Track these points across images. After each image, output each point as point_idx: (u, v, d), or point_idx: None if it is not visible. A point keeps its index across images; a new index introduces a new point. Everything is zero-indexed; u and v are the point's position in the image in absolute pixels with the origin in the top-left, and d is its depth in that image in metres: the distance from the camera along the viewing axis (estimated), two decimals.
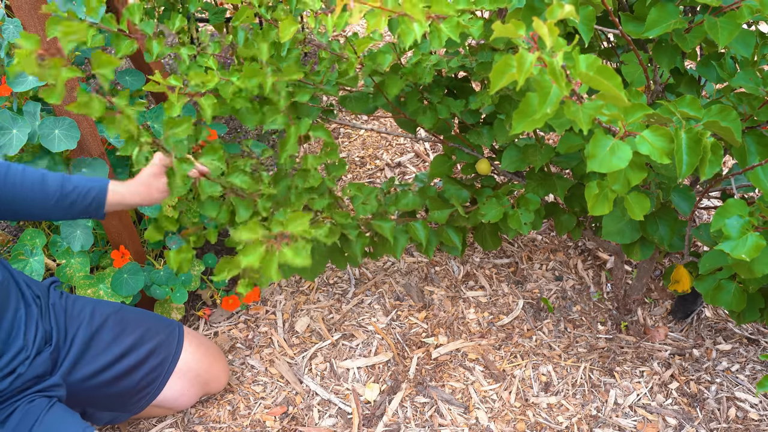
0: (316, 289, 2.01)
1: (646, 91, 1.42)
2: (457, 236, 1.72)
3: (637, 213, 1.18)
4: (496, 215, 1.64)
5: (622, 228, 1.48)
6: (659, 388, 1.75)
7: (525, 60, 0.78)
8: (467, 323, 1.92)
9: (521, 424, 1.66)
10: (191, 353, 1.61)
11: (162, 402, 1.59)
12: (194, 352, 1.62)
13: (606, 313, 1.97)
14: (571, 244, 2.18)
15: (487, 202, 1.67)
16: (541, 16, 1.16)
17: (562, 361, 1.82)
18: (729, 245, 1.11)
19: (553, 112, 0.83)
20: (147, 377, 1.53)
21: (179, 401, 1.62)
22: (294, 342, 1.86)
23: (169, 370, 1.57)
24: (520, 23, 0.76)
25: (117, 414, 1.56)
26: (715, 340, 1.88)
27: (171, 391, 1.58)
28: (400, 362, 1.81)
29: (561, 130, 1.22)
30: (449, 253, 1.80)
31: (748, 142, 1.25)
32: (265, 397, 1.73)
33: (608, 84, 0.81)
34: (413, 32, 1.08)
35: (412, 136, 1.81)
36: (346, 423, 1.67)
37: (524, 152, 1.59)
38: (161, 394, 1.57)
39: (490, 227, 1.83)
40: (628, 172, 1.05)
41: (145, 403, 1.56)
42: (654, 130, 0.99)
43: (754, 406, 1.71)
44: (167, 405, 1.61)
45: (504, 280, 2.06)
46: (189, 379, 1.61)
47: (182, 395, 1.61)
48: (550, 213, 1.75)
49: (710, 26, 1.15)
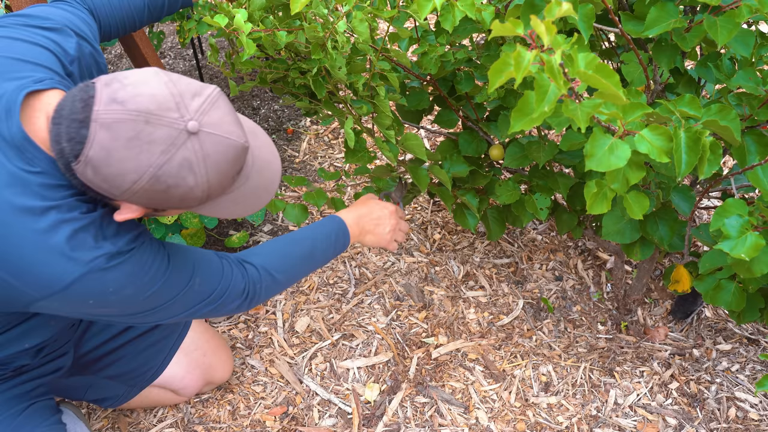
0: (316, 288, 2.01)
1: (646, 91, 1.42)
2: (474, 199, 1.72)
3: (637, 212, 1.18)
4: (510, 198, 1.64)
5: (622, 228, 1.48)
6: (659, 388, 1.75)
7: (523, 58, 0.78)
8: (467, 323, 1.92)
9: (521, 424, 1.66)
10: (199, 333, 1.62)
11: (165, 382, 1.58)
12: (202, 332, 1.63)
13: (606, 313, 1.96)
14: (571, 244, 2.18)
15: (502, 184, 1.67)
16: (540, 14, 1.16)
17: (562, 361, 1.82)
18: (728, 245, 1.10)
19: (551, 110, 0.83)
20: (153, 347, 1.53)
21: (183, 382, 1.60)
22: (294, 342, 1.86)
23: (176, 345, 1.57)
24: (518, 22, 0.76)
25: (121, 389, 1.54)
26: (715, 340, 1.88)
27: (176, 368, 1.57)
28: (400, 362, 1.81)
29: (560, 129, 1.22)
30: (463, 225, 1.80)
31: (747, 141, 1.25)
32: (265, 397, 1.73)
33: (606, 82, 0.81)
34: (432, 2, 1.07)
35: (417, 126, 1.82)
36: (346, 423, 1.67)
37: (527, 149, 1.59)
38: (165, 371, 1.56)
39: (498, 213, 1.83)
40: (626, 171, 1.05)
41: (150, 377, 1.55)
42: (653, 129, 0.98)
43: (754, 406, 1.71)
44: (171, 386, 1.60)
45: (504, 280, 2.06)
46: (194, 359, 1.60)
47: (187, 374, 1.59)
48: (552, 211, 1.75)
49: (710, 25, 1.15)
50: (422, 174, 1.65)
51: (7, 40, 1.08)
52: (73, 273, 0.97)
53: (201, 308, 1.18)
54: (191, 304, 1.16)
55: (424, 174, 1.65)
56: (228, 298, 1.20)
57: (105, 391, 1.54)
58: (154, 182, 0.93)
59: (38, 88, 1.02)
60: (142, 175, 0.92)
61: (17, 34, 1.09)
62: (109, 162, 0.91)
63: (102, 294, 1.01)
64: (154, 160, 0.91)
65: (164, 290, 1.09)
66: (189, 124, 0.92)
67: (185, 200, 0.98)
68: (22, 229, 0.95)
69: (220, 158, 0.97)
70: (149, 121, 0.90)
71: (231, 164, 0.99)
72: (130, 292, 1.04)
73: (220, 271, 1.19)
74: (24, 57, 1.06)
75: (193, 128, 0.93)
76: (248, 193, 1.08)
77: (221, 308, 1.21)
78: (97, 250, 0.99)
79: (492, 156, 1.72)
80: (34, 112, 1.00)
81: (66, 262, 0.97)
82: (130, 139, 0.90)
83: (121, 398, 1.56)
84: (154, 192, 0.94)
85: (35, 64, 1.06)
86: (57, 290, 0.98)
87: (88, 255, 0.98)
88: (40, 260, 0.96)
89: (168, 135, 0.91)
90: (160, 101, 0.92)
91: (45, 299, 1.00)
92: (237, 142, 0.98)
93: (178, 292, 1.12)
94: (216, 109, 0.96)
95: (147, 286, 1.06)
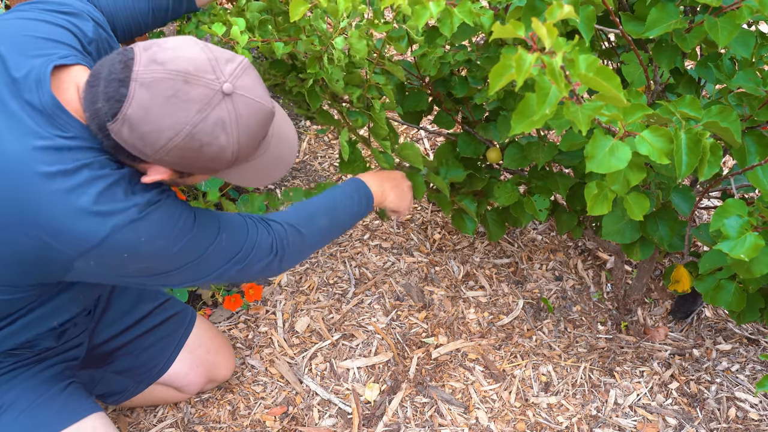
0: (316, 288, 2.02)
1: (647, 92, 1.42)
2: (472, 204, 1.73)
3: (637, 213, 1.18)
4: (508, 200, 1.65)
5: (622, 228, 1.48)
6: (659, 388, 1.75)
7: (524, 61, 0.78)
8: (467, 323, 1.92)
9: (521, 424, 1.66)
10: (203, 330, 1.64)
11: (169, 379, 1.59)
12: (205, 330, 1.65)
13: (606, 313, 1.97)
14: (571, 244, 2.18)
15: (500, 186, 1.67)
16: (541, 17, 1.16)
17: (562, 361, 1.82)
18: (728, 245, 1.11)
19: (552, 112, 0.83)
20: (160, 343, 1.56)
21: (187, 379, 1.61)
22: (294, 342, 1.86)
23: (181, 341, 1.59)
24: (519, 24, 0.76)
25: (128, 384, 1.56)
26: (715, 340, 1.88)
27: (180, 365, 1.59)
28: (400, 362, 1.81)
29: (560, 130, 1.22)
30: (461, 230, 1.81)
31: (747, 142, 1.25)
32: (265, 397, 1.73)
33: (607, 85, 0.81)
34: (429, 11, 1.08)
35: (417, 127, 1.82)
36: (346, 423, 1.67)
37: (526, 150, 1.59)
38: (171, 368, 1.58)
39: (497, 215, 1.83)
40: (627, 172, 1.05)
41: (157, 373, 1.57)
42: (653, 131, 0.99)
43: (754, 406, 1.71)
44: (175, 383, 1.61)
45: (504, 280, 2.06)
46: (198, 356, 1.62)
47: (191, 371, 1.61)
48: (552, 211, 1.75)
49: (710, 26, 1.15)
50: (419, 182, 1.66)
51: (29, 20, 1.12)
52: (106, 226, 1.01)
53: (230, 267, 1.19)
54: (220, 263, 1.17)
55: (420, 182, 1.67)
56: (256, 255, 1.22)
57: (112, 386, 1.56)
58: (189, 140, 0.97)
59: (65, 62, 1.06)
60: (179, 132, 0.96)
61: (37, 16, 1.14)
62: (147, 119, 0.95)
63: (135, 244, 1.04)
64: (190, 118, 0.95)
65: (193, 244, 1.12)
66: (224, 85, 0.97)
67: (215, 161, 1.01)
68: (54, 189, 0.99)
69: (251, 121, 1.01)
70: (188, 80, 0.95)
71: (260, 127, 1.03)
72: (161, 243, 1.07)
73: (245, 227, 1.21)
74: (47, 36, 1.10)
75: (228, 90, 0.97)
76: (268, 163, 1.12)
77: (250, 267, 1.22)
78: (128, 202, 1.03)
79: (489, 159, 1.72)
80: (62, 83, 1.05)
81: (98, 217, 1.01)
82: (169, 97, 0.94)
83: (127, 394, 1.58)
84: (188, 150, 0.98)
85: (58, 42, 1.10)
86: (93, 245, 1.01)
87: (119, 206, 1.02)
88: (74, 217, 1.00)
89: (204, 94, 0.96)
90: (197, 64, 0.96)
91: (81, 257, 1.02)
92: (266, 106, 1.03)
93: (207, 247, 1.14)
94: (247, 75, 1.01)
95: (177, 239, 1.09)
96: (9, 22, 1.12)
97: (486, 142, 1.72)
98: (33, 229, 1.00)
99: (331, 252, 2.13)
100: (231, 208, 2.13)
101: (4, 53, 1.05)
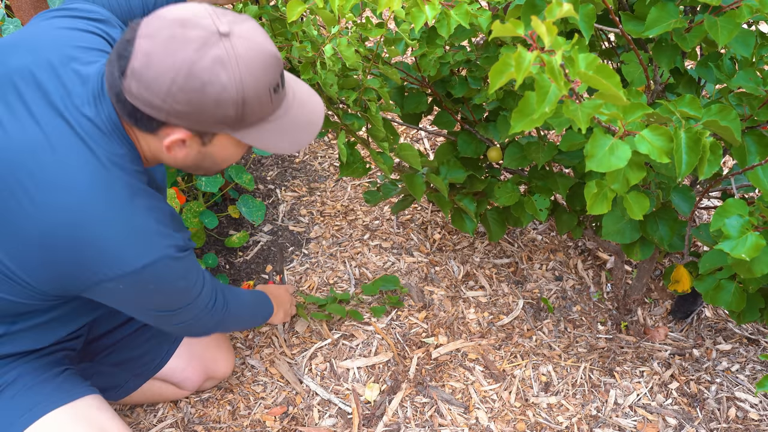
0: (316, 288, 2.01)
1: (647, 91, 1.42)
2: (472, 204, 1.73)
3: (637, 213, 1.18)
4: (509, 200, 1.65)
5: (621, 228, 1.48)
6: (659, 388, 1.75)
7: (523, 59, 0.78)
8: (467, 323, 1.92)
9: (521, 424, 1.66)
10: None
11: (167, 374, 1.60)
12: None
13: (606, 313, 1.96)
14: (571, 244, 2.18)
15: (500, 185, 1.67)
16: (540, 15, 1.16)
17: (562, 361, 1.82)
18: (728, 245, 1.10)
19: (552, 111, 0.83)
20: (157, 337, 1.57)
21: (185, 374, 1.61)
22: (294, 342, 1.86)
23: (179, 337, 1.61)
24: (518, 22, 0.76)
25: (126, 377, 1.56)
26: (715, 340, 1.88)
27: (177, 360, 1.59)
28: (400, 362, 1.81)
29: (560, 129, 1.22)
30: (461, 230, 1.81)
31: (747, 141, 1.25)
32: (265, 397, 1.73)
33: (607, 83, 0.81)
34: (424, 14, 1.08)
35: (416, 128, 1.82)
36: (346, 423, 1.67)
37: (526, 149, 1.59)
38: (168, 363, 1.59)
39: (497, 215, 1.83)
40: (627, 171, 1.05)
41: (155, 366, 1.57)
42: (653, 130, 0.98)
43: (754, 406, 1.71)
44: (173, 378, 1.61)
45: (504, 280, 2.06)
46: (195, 351, 1.62)
47: (188, 365, 1.61)
48: (552, 211, 1.75)
49: (710, 26, 1.15)
50: (418, 182, 1.67)
51: (67, 30, 1.16)
52: (151, 255, 1.08)
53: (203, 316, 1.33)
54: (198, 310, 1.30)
55: (420, 182, 1.67)
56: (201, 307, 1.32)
57: (110, 380, 1.56)
58: (190, 78, 0.98)
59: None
60: (179, 71, 0.98)
61: (72, 24, 1.18)
62: (150, 65, 0.98)
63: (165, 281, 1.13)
64: (189, 56, 0.97)
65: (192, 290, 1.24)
66: (220, 27, 1.00)
67: (221, 103, 1.01)
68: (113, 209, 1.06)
69: (252, 61, 1.01)
70: (185, 25, 0.99)
71: (263, 70, 1.03)
72: (182, 284, 1.19)
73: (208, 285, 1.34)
74: (89, 45, 1.15)
75: (225, 31, 0.99)
76: (293, 125, 1.13)
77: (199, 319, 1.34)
78: (172, 239, 1.11)
79: (490, 158, 1.72)
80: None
81: (147, 245, 1.08)
82: (167, 39, 0.98)
83: (125, 388, 1.58)
84: (192, 92, 0.99)
85: (100, 51, 1.15)
86: (133, 269, 1.08)
87: (166, 241, 1.10)
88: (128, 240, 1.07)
89: (201, 35, 0.98)
90: (196, 12, 1.01)
91: (114, 280, 1.08)
92: (268, 48, 1.03)
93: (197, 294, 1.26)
94: (247, 22, 1.03)
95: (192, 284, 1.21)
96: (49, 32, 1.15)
97: (486, 142, 1.72)
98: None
99: (331, 252, 2.13)
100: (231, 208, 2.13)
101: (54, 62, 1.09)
